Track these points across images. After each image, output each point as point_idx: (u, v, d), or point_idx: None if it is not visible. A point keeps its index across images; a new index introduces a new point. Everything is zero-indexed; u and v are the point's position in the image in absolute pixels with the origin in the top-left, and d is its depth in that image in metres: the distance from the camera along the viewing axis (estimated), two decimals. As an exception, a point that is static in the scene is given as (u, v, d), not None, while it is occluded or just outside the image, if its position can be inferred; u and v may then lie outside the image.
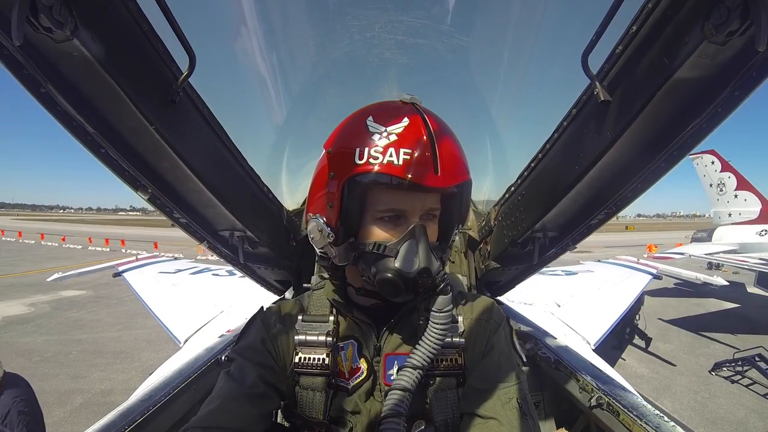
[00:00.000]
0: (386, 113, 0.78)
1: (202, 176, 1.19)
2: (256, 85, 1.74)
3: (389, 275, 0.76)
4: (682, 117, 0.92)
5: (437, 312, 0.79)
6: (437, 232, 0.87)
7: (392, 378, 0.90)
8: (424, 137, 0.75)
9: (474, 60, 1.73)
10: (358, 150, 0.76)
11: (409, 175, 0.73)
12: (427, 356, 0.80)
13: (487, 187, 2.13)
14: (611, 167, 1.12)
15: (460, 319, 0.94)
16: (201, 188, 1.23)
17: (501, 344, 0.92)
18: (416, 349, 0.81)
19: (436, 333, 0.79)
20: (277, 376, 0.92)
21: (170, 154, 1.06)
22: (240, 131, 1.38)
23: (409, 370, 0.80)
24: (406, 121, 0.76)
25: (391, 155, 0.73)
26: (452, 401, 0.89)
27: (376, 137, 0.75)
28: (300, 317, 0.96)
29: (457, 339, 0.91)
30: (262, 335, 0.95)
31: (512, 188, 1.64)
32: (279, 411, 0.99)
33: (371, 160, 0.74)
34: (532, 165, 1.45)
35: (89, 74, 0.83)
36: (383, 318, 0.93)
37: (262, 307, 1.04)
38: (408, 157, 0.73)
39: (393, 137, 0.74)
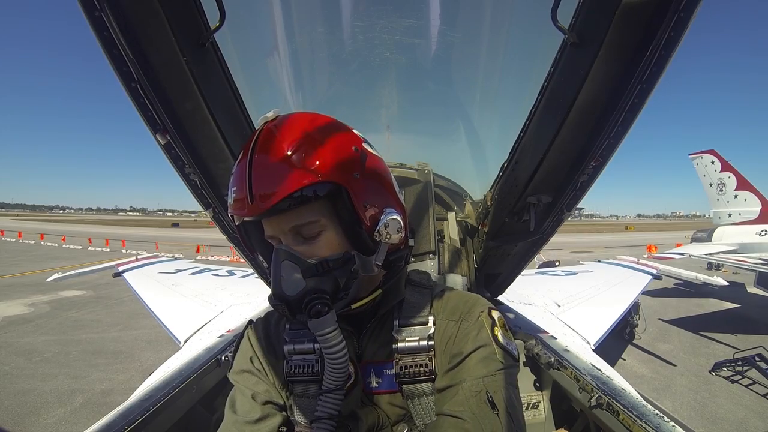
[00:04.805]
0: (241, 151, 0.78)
1: (219, 123, 1.28)
2: (264, 74, 1.77)
3: (270, 299, 0.79)
4: (641, 43, 1.00)
5: (317, 336, 0.75)
6: (331, 243, 0.79)
7: (371, 386, 0.90)
8: (244, 169, 0.74)
9: (468, 57, 1.76)
10: None
11: (234, 212, 0.77)
12: (334, 380, 0.78)
13: (485, 178, 2.14)
14: (589, 108, 1.18)
15: (431, 320, 0.89)
16: (216, 136, 1.31)
17: (474, 343, 0.84)
18: (325, 373, 0.79)
19: (327, 357, 0.77)
20: (271, 392, 0.92)
21: (194, 92, 1.17)
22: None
23: (327, 395, 0.79)
24: (240, 155, 0.77)
25: (230, 196, 0.78)
26: (430, 407, 0.86)
27: (230, 181, 0.79)
28: (288, 326, 0.95)
29: (425, 342, 0.87)
30: (250, 353, 0.96)
31: (504, 165, 1.65)
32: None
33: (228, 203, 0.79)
34: (521, 135, 1.47)
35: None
36: (365, 323, 0.93)
37: (250, 321, 1.04)
38: (234, 194, 0.76)
39: (232, 177, 0.78)
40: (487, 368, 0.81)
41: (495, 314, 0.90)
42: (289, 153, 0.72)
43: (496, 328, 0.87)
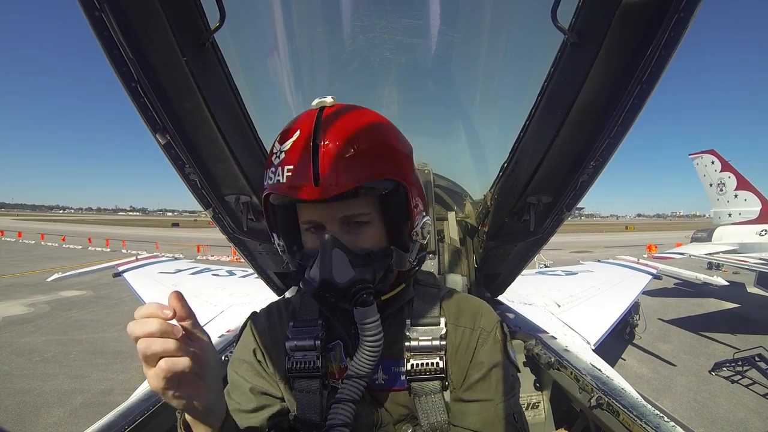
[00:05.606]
0: (289, 130, 0.78)
1: (219, 123, 1.28)
2: (264, 73, 1.77)
3: (307, 284, 0.80)
4: (641, 43, 1.01)
5: (360, 324, 0.79)
6: (375, 236, 0.82)
7: (376, 382, 0.91)
8: (308, 150, 0.74)
9: (468, 57, 1.76)
10: (267, 172, 0.80)
11: (289, 192, 0.75)
12: (365, 366, 0.81)
13: (485, 178, 2.15)
14: (589, 108, 1.19)
15: (442, 321, 0.92)
16: (216, 136, 1.31)
17: (492, 355, 0.90)
18: (355, 359, 0.82)
19: (366, 345, 0.80)
20: (270, 384, 0.93)
21: (194, 92, 1.17)
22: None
23: (353, 380, 0.81)
24: (296, 135, 0.76)
25: (278, 174, 0.76)
26: (437, 405, 0.88)
27: (274, 158, 0.78)
28: (291, 323, 0.96)
29: (437, 342, 0.89)
30: (253, 345, 0.97)
31: (504, 165, 1.66)
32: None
33: (268, 182, 0.79)
34: (521, 134, 1.48)
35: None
36: None
37: (254, 312, 1.05)
38: (290, 174, 0.74)
39: (282, 155, 0.76)
40: (510, 387, 0.89)
41: (504, 327, 0.96)
42: (360, 145, 0.74)
43: (507, 343, 0.93)
